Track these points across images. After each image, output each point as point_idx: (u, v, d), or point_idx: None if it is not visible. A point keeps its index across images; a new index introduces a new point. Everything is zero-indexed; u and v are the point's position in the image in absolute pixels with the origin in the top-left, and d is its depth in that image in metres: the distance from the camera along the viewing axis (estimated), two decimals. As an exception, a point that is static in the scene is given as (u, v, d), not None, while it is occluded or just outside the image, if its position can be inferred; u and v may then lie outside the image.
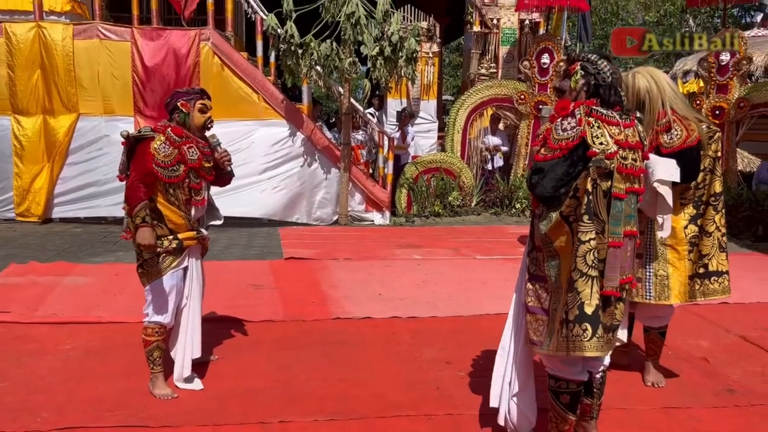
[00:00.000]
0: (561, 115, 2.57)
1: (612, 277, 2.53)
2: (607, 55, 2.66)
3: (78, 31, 8.08)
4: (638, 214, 2.82)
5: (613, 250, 2.51)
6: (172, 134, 3.27)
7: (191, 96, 3.38)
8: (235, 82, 8.32)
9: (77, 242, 7.23)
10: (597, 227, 2.50)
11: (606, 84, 2.59)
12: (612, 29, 27.72)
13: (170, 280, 3.31)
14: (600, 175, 2.49)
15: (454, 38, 18.47)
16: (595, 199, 2.49)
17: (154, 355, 3.33)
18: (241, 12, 9.43)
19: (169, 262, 3.30)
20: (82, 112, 8.18)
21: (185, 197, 3.33)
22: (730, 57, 8.51)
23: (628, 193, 2.57)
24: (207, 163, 3.41)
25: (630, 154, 2.57)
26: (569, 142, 2.49)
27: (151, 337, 3.33)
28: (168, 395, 3.30)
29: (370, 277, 5.92)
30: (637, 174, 2.60)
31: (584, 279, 2.48)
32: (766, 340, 4.37)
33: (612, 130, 2.54)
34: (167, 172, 3.22)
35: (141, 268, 3.31)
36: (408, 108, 10.45)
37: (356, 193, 8.83)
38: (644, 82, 3.24)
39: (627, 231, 2.57)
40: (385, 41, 7.88)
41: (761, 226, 8.12)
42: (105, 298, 5.05)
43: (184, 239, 3.31)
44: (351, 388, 3.50)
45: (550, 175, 2.51)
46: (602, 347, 2.54)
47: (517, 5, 10.68)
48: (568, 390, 2.66)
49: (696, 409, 3.34)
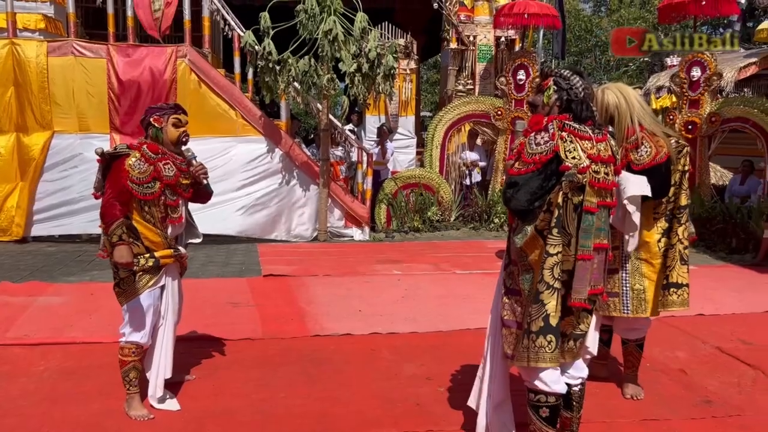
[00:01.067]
0: (534, 129, 2.61)
1: (580, 289, 2.57)
2: (580, 71, 2.71)
3: (52, 48, 8.01)
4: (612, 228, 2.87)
5: (582, 263, 2.55)
6: (147, 151, 3.24)
7: (164, 111, 3.35)
8: (212, 99, 8.29)
9: (51, 261, 7.10)
10: (564, 240, 2.54)
11: (578, 99, 2.63)
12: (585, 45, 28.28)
13: (147, 299, 3.26)
14: (572, 189, 2.52)
15: (431, 55, 18.63)
16: (564, 212, 2.53)
17: (131, 376, 3.28)
18: (218, 29, 9.42)
19: (146, 281, 3.25)
20: (56, 130, 8.08)
21: (161, 215, 3.29)
22: (701, 73, 8.69)
23: (600, 207, 2.60)
24: (184, 179, 3.37)
25: (602, 168, 2.61)
26: (543, 156, 2.53)
27: (127, 357, 3.27)
28: (144, 416, 3.24)
29: (350, 293, 5.89)
30: (609, 188, 2.64)
31: (550, 291, 2.54)
32: (741, 351, 4.43)
33: (584, 145, 2.57)
34: (142, 189, 3.19)
35: (118, 287, 3.27)
36: (386, 124, 10.50)
37: (335, 209, 8.82)
38: (613, 97, 3.27)
39: (597, 244, 2.61)
40: (363, 58, 7.92)
41: (734, 239, 8.25)
42: (79, 317, 4.96)
43: (160, 257, 3.27)
44: (331, 405, 3.47)
45: (525, 189, 2.54)
46: (560, 358, 2.62)
47: (493, 23, 10.82)
48: (546, 403, 2.66)
49: (674, 421, 3.37)
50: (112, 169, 3.22)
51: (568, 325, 2.66)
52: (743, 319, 5.24)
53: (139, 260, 3.21)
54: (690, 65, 8.75)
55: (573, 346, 2.71)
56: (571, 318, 2.66)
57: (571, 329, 2.68)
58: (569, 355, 2.72)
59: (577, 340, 2.71)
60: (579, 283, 2.56)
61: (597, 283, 2.68)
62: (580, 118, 2.63)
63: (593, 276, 2.64)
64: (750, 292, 6.19)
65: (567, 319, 2.65)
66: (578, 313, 2.67)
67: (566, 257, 2.56)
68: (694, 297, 5.78)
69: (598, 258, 2.65)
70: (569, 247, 2.55)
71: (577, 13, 27.87)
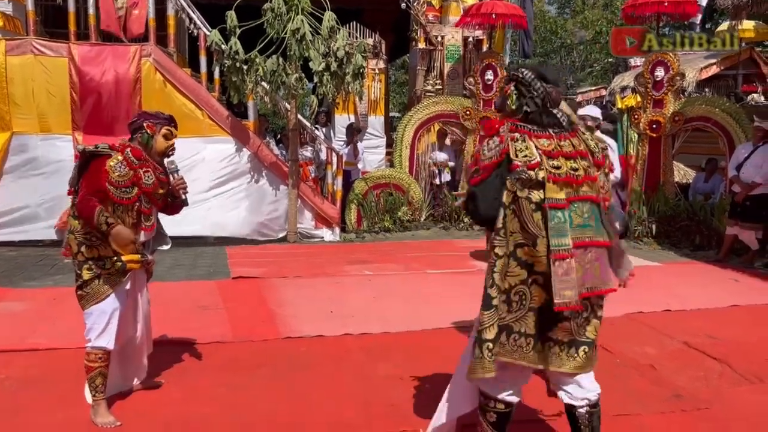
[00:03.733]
0: (488, 135, 2.56)
1: (564, 292, 2.41)
2: (544, 75, 2.59)
3: (11, 47, 7.78)
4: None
5: (560, 263, 2.41)
6: (130, 155, 3.17)
7: (159, 120, 3.30)
8: (178, 99, 8.15)
9: (11, 266, 6.89)
10: (526, 239, 2.46)
11: (538, 108, 2.55)
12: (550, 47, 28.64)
13: (112, 303, 3.18)
14: (528, 187, 2.45)
15: (399, 55, 18.65)
16: (520, 210, 2.45)
17: (97, 382, 3.19)
18: (183, 28, 9.26)
19: (111, 284, 3.17)
20: (15, 131, 7.84)
21: (133, 221, 3.22)
22: (665, 73, 8.85)
23: (575, 202, 2.49)
24: (161, 189, 3.32)
25: (567, 162, 2.50)
26: (494, 160, 2.48)
27: (93, 363, 3.18)
28: (111, 423, 3.16)
29: (321, 294, 5.84)
30: (580, 182, 2.51)
31: (501, 295, 2.47)
32: (708, 345, 4.51)
33: (540, 143, 2.49)
34: (119, 193, 3.12)
35: (80, 290, 3.18)
36: (356, 123, 10.47)
37: (305, 210, 8.75)
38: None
39: (582, 242, 2.47)
40: (332, 57, 7.87)
41: (698, 236, 8.42)
42: (42, 323, 4.81)
43: (127, 261, 3.19)
44: (303, 408, 3.42)
45: (482, 198, 2.49)
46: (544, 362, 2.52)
47: (457, 21, 10.86)
48: (495, 409, 2.60)
49: (645, 416, 3.41)
50: (91, 167, 3.13)
51: (562, 331, 2.50)
52: (709, 315, 5.35)
53: (105, 263, 3.13)
54: (654, 65, 8.90)
55: (575, 354, 2.53)
56: (566, 324, 2.50)
57: (569, 336, 2.51)
58: (571, 366, 2.54)
59: (580, 347, 2.53)
60: (560, 284, 2.40)
61: (597, 284, 2.53)
62: (541, 125, 2.55)
63: (586, 276, 2.49)
64: (715, 288, 6.33)
65: (561, 325, 2.49)
66: (577, 318, 2.51)
67: (535, 258, 2.44)
68: (661, 293, 5.93)
69: (591, 257, 2.51)
70: (536, 248, 2.44)
71: (543, 14, 28.20)
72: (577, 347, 2.54)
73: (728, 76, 13.82)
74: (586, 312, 2.55)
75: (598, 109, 5.81)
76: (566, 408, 2.70)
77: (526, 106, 2.56)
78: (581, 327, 2.54)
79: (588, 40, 27.32)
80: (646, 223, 8.76)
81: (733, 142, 8.52)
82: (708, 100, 9.43)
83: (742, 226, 7.51)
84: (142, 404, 3.44)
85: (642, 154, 9.06)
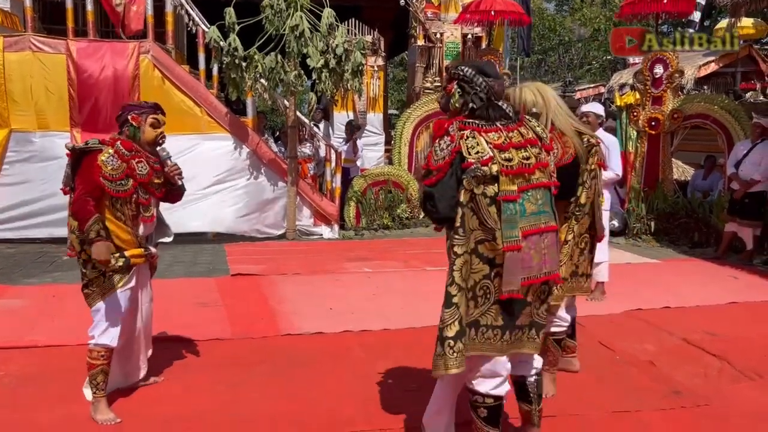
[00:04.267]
0: (438, 135, 2.57)
1: (510, 280, 2.49)
2: (484, 70, 2.60)
3: (9, 44, 7.75)
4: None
5: (511, 254, 2.47)
6: (121, 147, 3.16)
7: (143, 110, 3.27)
8: (176, 96, 8.13)
9: (10, 263, 6.88)
10: (486, 235, 2.49)
11: (483, 103, 2.57)
12: (549, 44, 28.65)
13: (117, 301, 3.18)
14: (483, 183, 2.48)
15: (398, 53, 18.63)
16: (478, 207, 2.49)
17: (98, 380, 3.18)
18: (181, 24, 9.24)
19: (116, 281, 3.17)
20: (14, 128, 7.82)
21: (132, 213, 3.21)
22: (664, 70, 8.85)
23: (526, 191, 2.53)
24: (157, 179, 3.31)
25: (518, 153, 2.53)
26: (446, 159, 2.49)
27: (96, 360, 3.17)
28: (111, 420, 3.15)
29: (320, 291, 5.84)
30: (531, 170, 2.55)
31: (462, 293, 2.49)
32: (707, 342, 4.51)
33: (490, 137, 2.53)
34: (115, 186, 3.10)
35: (86, 287, 3.17)
36: (355, 121, 10.45)
37: (304, 207, 8.74)
38: (531, 96, 3.19)
39: (535, 229, 2.54)
40: (330, 54, 7.86)
41: (697, 233, 8.43)
42: (41, 321, 4.80)
43: (131, 257, 3.19)
44: (303, 405, 3.42)
45: (440, 197, 2.51)
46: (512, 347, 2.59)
47: (456, 18, 10.85)
48: (485, 404, 2.64)
49: (645, 412, 3.41)
50: (83, 164, 3.12)
51: (526, 316, 2.60)
52: (708, 311, 5.36)
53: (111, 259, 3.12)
54: (653, 63, 8.89)
55: (535, 336, 2.65)
56: (528, 308, 2.60)
57: (529, 319, 2.61)
58: (531, 347, 2.65)
59: (539, 329, 2.67)
60: (509, 275, 2.48)
61: (554, 268, 2.64)
62: (490, 119, 2.58)
63: (544, 262, 2.57)
64: (713, 285, 6.33)
65: (524, 311, 2.59)
66: (535, 302, 2.62)
67: (496, 252, 2.48)
68: (660, 290, 5.94)
69: (547, 242, 2.59)
70: (495, 242, 2.48)
71: (541, 12, 28.20)
72: (537, 329, 2.66)
73: (727, 74, 13.84)
74: (543, 295, 2.65)
75: (601, 105, 5.78)
76: (516, 378, 2.82)
77: (471, 102, 2.58)
78: (538, 309, 2.66)
79: (586, 38, 27.32)
80: (644, 220, 8.77)
81: (732, 140, 8.52)
82: (707, 98, 9.43)
83: (740, 223, 7.53)
84: (141, 401, 3.44)
85: (641, 152, 9.06)
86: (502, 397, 2.66)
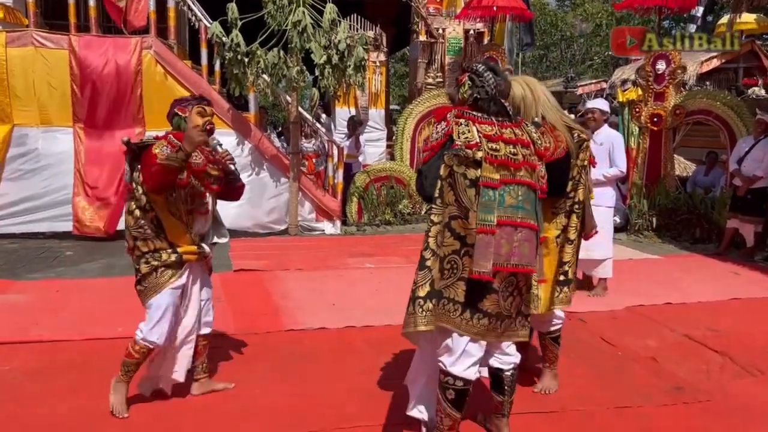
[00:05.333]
0: (437, 120, 2.77)
1: (481, 262, 2.58)
2: (495, 68, 2.81)
3: (11, 39, 7.75)
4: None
5: (482, 236, 2.58)
6: (173, 138, 3.11)
7: (188, 102, 3.26)
8: (179, 91, 8.10)
9: (13, 258, 6.89)
10: (460, 212, 2.64)
11: (488, 96, 2.75)
12: (551, 39, 28.60)
13: (168, 297, 3.18)
14: (465, 164, 2.62)
15: (400, 48, 18.62)
16: (455, 185, 2.63)
17: (130, 368, 3.20)
18: (184, 20, 9.23)
19: (167, 277, 3.17)
20: (16, 123, 7.83)
21: (188, 208, 3.22)
22: (666, 66, 8.84)
23: (510, 185, 2.66)
24: (213, 170, 3.30)
25: (506, 147, 2.68)
26: (438, 140, 2.69)
27: (137, 354, 3.18)
28: (119, 410, 3.16)
29: (323, 287, 5.85)
30: (517, 165, 2.68)
31: (435, 257, 2.68)
32: (709, 338, 4.53)
33: (483, 128, 2.69)
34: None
35: (139, 284, 3.19)
36: (357, 116, 10.45)
37: (306, 203, 8.74)
38: (519, 89, 3.20)
39: (514, 221, 2.65)
40: (333, 49, 7.85)
41: (698, 229, 8.44)
42: (46, 315, 4.82)
43: (183, 253, 3.19)
44: (307, 400, 3.44)
45: (426, 175, 2.71)
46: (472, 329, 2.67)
47: (458, 14, 10.83)
48: (454, 386, 2.71)
49: (647, 408, 3.43)
50: (142, 160, 3.09)
51: (491, 303, 2.67)
52: (710, 307, 5.37)
53: (161, 254, 3.15)
54: (655, 58, 8.88)
55: (498, 326, 2.72)
56: (494, 296, 2.66)
57: (496, 309, 2.68)
58: (492, 335, 2.73)
59: (503, 321, 2.72)
60: (480, 256, 2.58)
61: (523, 262, 2.69)
62: (488, 112, 2.75)
63: (513, 253, 2.65)
64: (715, 281, 6.34)
65: (489, 297, 2.66)
66: (504, 293, 2.68)
67: (468, 231, 2.62)
68: (662, 286, 5.95)
69: (521, 236, 2.66)
70: (467, 220, 2.62)
71: (543, 7, 28.13)
72: (501, 320, 2.73)
73: (729, 69, 13.82)
74: (511, 287, 2.73)
75: (606, 101, 5.78)
76: (492, 371, 2.93)
77: (477, 93, 2.76)
78: (506, 301, 2.72)
79: (588, 33, 27.26)
80: (646, 216, 8.77)
81: (734, 136, 8.52)
82: (709, 94, 9.42)
83: (742, 219, 7.53)
84: (143, 395, 3.45)
85: (643, 148, 9.05)
86: (471, 381, 2.73)
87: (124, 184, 3.27)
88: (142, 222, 3.13)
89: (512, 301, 2.74)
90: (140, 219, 3.13)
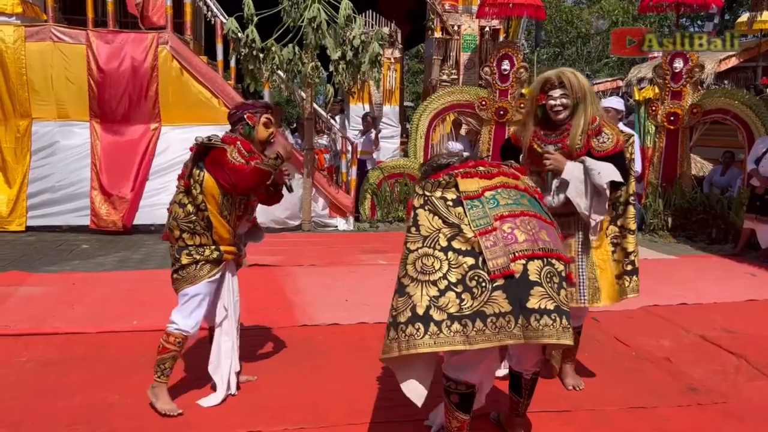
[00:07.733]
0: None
1: (494, 261, 2.43)
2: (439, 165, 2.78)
3: (30, 33, 7.84)
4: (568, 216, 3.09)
5: (486, 237, 2.46)
6: (241, 147, 3.15)
7: (257, 109, 3.28)
8: (194, 87, 8.17)
9: (30, 251, 6.98)
10: (454, 231, 2.50)
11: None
12: (566, 36, 28.39)
13: (204, 288, 3.23)
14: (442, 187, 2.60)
15: (414, 44, 18.58)
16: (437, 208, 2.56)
17: (166, 365, 3.21)
18: (200, 15, 9.29)
19: (207, 271, 3.21)
20: (35, 117, 7.92)
21: (239, 214, 3.27)
22: (684, 64, 8.76)
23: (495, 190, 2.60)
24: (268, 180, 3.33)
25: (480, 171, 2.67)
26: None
27: (170, 345, 3.20)
28: (173, 411, 3.16)
29: (336, 282, 5.87)
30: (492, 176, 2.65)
31: (415, 284, 2.54)
32: (724, 339, 4.48)
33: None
34: None
35: (176, 273, 3.23)
36: (371, 113, 10.46)
37: (320, 199, 8.77)
38: (585, 79, 3.23)
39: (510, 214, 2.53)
40: (348, 46, 7.86)
41: (714, 229, 8.36)
42: (62, 308, 4.87)
43: (224, 251, 3.25)
44: (320, 395, 3.45)
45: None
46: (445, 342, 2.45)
47: (477, 13, 10.79)
48: (457, 390, 2.68)
49: (661, 408, 3.40)
50: (217, 158, 3.11)
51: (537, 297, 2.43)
52: (725, 308, 5.31)
53: (204, 250, 3.19)
54: (672, 57, 8.81)
55: (549, 323, 2.44)
56: (540, 288, 2.43)
57: (552, 303, 2.44)
58: (546, 336, 2.44)
59: (561, 317, 2.45)
60: (490, 254, 2.43)
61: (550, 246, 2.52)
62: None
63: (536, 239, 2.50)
64: (731, 282, 6.28)
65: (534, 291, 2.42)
66: (550, 283, 2.46)
67: (472, 242, 2.47)
68: (677, 286, 5.90)
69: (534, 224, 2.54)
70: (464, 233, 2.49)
71: (559, 3, 27.92)
72: (557, 316, 2.46)
73: (748, 68, 13.64)
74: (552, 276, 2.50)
75: (621, 100, 5.75)
76: (514, 371, 2.88)
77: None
78: (556, 292, 2.48)
79: (604, 30, 27.04)
80: (662, 215, 8.71)
81: (753, 135, 8.43)
82: (727, 92, 9.32)
83: (759, 220, 7.44)
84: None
85: (659, 147, 8.99)
86: (475, 385, 2.69)
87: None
88: (194, 218, 3.16)
89: (562, 290, 2.50)
90: (192, 215, 3.16)
